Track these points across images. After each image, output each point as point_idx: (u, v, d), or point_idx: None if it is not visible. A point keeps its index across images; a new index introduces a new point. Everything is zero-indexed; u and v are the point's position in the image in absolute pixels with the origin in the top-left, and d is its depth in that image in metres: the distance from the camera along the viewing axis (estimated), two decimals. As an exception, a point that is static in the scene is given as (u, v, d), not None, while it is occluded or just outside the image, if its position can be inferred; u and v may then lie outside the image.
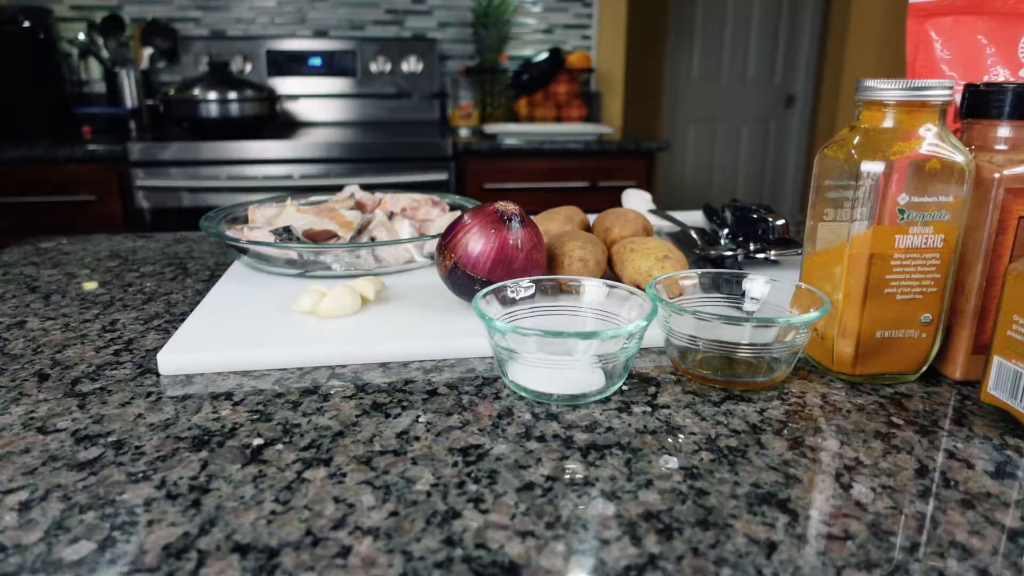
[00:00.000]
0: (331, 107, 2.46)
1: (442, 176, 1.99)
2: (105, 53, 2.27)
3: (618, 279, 0.62)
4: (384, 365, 0.50)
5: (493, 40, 2.41)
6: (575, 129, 2.17)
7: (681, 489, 0.35)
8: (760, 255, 0.69)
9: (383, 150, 1.97)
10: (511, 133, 2.15)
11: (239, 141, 1.91)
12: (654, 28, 3.57)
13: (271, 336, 0.51)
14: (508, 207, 0.55)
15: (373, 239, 0.68)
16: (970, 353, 0.47)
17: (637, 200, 0.92)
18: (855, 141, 0.45)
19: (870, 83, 0.45)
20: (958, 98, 0.52)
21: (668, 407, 0.44)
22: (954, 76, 0.57)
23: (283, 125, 2.37)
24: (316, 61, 2.40)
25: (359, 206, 0.80)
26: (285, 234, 0.65)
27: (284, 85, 2.41)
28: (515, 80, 2.40)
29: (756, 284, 0.51)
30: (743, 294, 0.52)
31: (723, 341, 0.45)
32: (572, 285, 0.50)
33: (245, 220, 0.77)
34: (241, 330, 0.53)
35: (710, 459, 0.38)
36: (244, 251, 0.66)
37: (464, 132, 2.25)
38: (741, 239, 0.71)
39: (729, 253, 0.67)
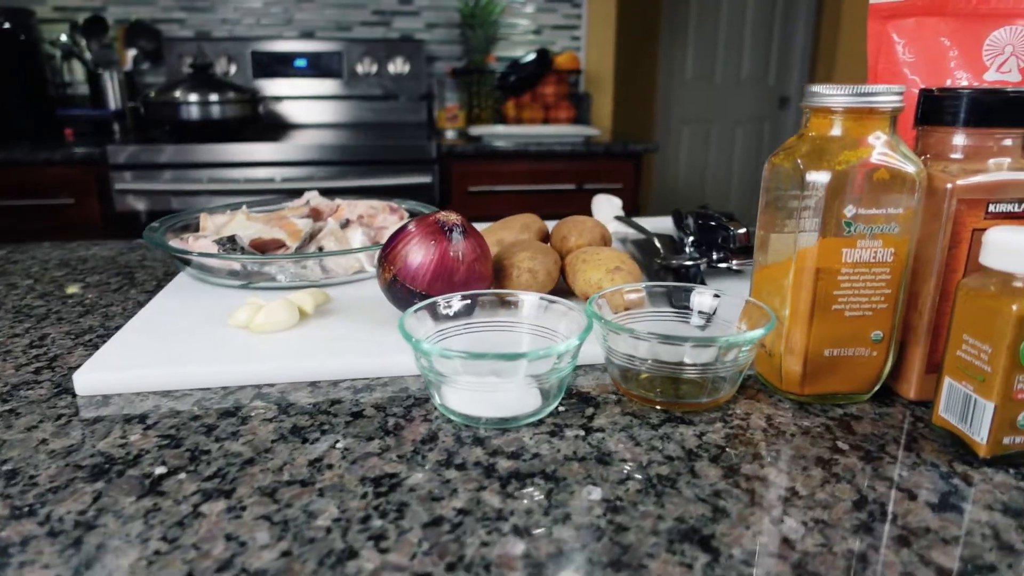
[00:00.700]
0: (317, 109, 2.44)
1: (426, 179, 1.97)
2: (88, 55, 2.25)
3: (572, 291, 0.59)
4: (314, 384, 0.48)
5: (480, 41, 2.39)
6: (561, 131, 2.15)
7: (600, 524, 0.33)
8: (722, 264, 0.66)
9: (366, 152, 1.95)
10: (497, 135, 2.12)
11: (220, 144, 1.89)
12: (647, 28, 3.55)
13: (198, 353, 0.49)
14: (450, 217, 0.53)
15: (321, 249, 0.66)
16: (924, 372, 0.45)
17: (606, 206, 0.90)
18: (802, 150, 0.43)
19: (817, 89, 0.42)
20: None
21: (603, 430, 0.42)
22: (916, 80, 0.55)
23: (268, 127, 2.35)
24: (302, 62, 2.38)
25: (315, 213, 0.77)
26: (229, 244, 0.63)
27: (270, 87, 2.38)
28: (502, 81, 2.38)
29: (704, 298, 0.49)
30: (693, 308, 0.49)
31: (662, 361, 0.43)
32: (511, 300, 0.48)
33: (197, 228, 0.74)
34: (168, 347, 0.50)
35: (636, 489, 0.36)
36: (187, 262, 0.64)
37: (450, 134, 2.23)
38: (704, 248, 0.69)
39: (689, 263, 0.65)
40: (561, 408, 0.44)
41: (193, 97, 1.96)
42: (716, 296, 0.49)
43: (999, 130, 0.42)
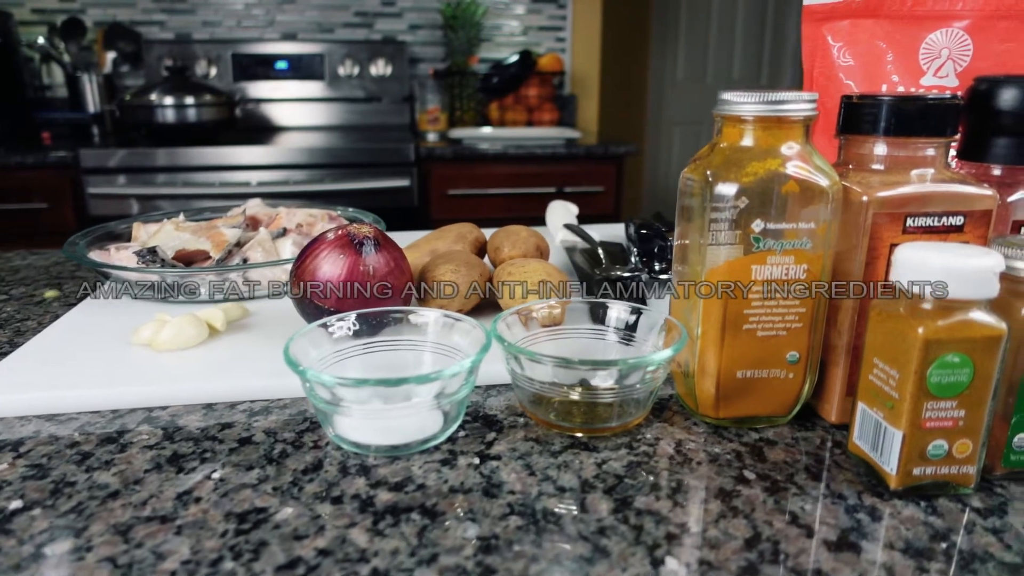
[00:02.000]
0: (299, 112, 2.41)
1: (404, 182, 1.94)
2: (66, 57, 2.23)
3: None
4: (209, 407, 0.45)
5: (462, 43, 2.36)
6: (542, 133, 2.13)
7: (466, 567, 0.31)
8: (664, 276, 0.64)
9: (344, 156, 1.93)
10: (477, 137, 2.10)
11: (194, 147, 1.87)
12: (636, 29, 3.53)
13: (92, 373, 0.47)
14: (362, 230, 0.51)
15: (245, 260, 0.63)
16: (844, 394, 0.43)
17: (561, 211, 0.88)
18: (712, 161, 0.41)
19: (727, 96, 0.40)
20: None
21: (500, 458, 0.39)
22: (851, 85, 0.53)
23: (247, 130, 2.32)
24: (283, 65, 2.35)
25: (252, 222, 0.75)
26: (149, 256, 0.61)
27: (251, 89, 2.36)
28: (485, 83, 2.36)
29: (621, 314, 0.47)
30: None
31: (564, 384, 0.41)
32: (414, 317, 0.46)
33: (130, 237, 0.72)
34: (64, 366, 0.48)
35: (517, 526, 0.34)
36: (106, 275, 0.62)
37: (432, 137, 2.21)
38: (645, 259, 0.66)
39: (627, 274, 0.63)
40: (462, 433, 0.42)
41: (168, 100, 1.94)
42: (634, 312, 0.46)
43: (920, 139, 0.40)
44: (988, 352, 0.34)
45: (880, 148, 0.41)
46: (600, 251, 0.70)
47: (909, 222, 0.39)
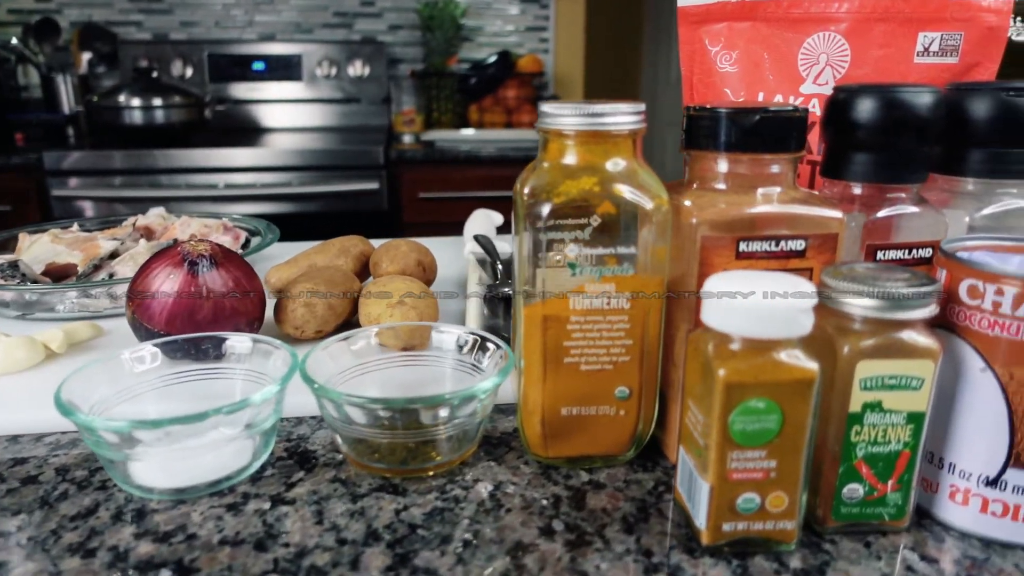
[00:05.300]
0: (276, 113, 2.39)
1: (373, 185, 1.91)
2: (41, 58, 2.21)
3: (364, 325, 0.54)
4: (14, 439, 0.42)
5: (440, 43, 2.33)
6: (518, 136, 2.10)
7: (188, 638, 0.28)
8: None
9: (313, 158, 1.90)
10: (451, 139, 2.07)
11: (162, 149, 1.85)
12: (627, 29, 3.49)
13: (-102, 401, 0.44)
14: (197, 247, 0.47)
15: (112, 275, 0.60)
16: (683, 433, 0.39)
17: (482, 221, 0.84)
18: (534, 178, 0.37)
19: (546, 108, 0.37)
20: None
21: (295, 501, 0.36)
22: (728, 94, 0.49)
23: (223, 132, 2.29)
24: (259, 65, 2.33)
25: (146, 232, 0.72)
26: (9, 270, 0.58)
27: (228, 90, 2.34)
28: (463, 84, 2.32)
29: (461, 338, 0.43)
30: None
31: (359, 423, 0.37)
32: (226, 343, 0.42)
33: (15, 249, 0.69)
34: None
35: (271, 587, 0.30)
36: (-35, 290, 0.59)
37: (407, 139, 2.18)
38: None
39: (507, 291, 0.59)
40: (269, 471, 0.39)
41: (136, 101, 1.92)
42: (475, 337, 0.43)
43: (762, 155, 0.36)
44: (799, 396, 0.30)
45: (721, 165, 0.37)
46: (499, 265, 0.67)
47: (742, 247, 0.36)
